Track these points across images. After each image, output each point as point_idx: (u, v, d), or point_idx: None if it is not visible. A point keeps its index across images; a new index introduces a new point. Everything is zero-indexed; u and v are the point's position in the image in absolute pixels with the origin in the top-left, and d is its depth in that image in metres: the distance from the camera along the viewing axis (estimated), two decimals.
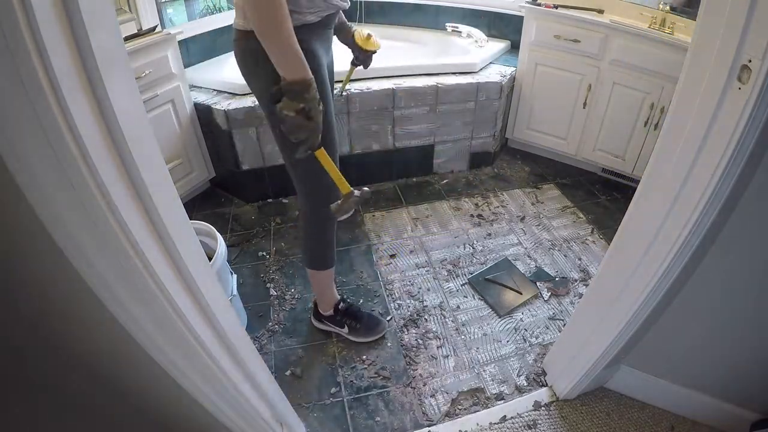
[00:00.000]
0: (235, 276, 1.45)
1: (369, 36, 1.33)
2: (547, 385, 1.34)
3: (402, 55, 2.47)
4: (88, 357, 0.77)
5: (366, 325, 1.46)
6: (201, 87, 2.03)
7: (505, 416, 1.26)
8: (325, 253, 1.32)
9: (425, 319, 1.56)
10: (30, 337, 0.70)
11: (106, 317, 0.62)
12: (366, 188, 1.09)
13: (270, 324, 1.55)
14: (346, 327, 1.45)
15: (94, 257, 0.56)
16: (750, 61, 0.64)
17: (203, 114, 1.95)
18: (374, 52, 1.34)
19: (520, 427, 1.23)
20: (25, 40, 0.40)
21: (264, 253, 1.86)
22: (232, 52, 1.01)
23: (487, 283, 1.69)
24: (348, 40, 1.32)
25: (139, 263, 0.58)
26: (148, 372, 0.73)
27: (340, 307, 1.44)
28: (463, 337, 1.50)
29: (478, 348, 1.46)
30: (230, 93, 1.96)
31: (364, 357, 1.43)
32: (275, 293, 1.67)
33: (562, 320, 1.55)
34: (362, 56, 1.34)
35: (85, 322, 0.71)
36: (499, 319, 1.56)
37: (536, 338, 1.49)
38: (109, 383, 0.83)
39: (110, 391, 0.84)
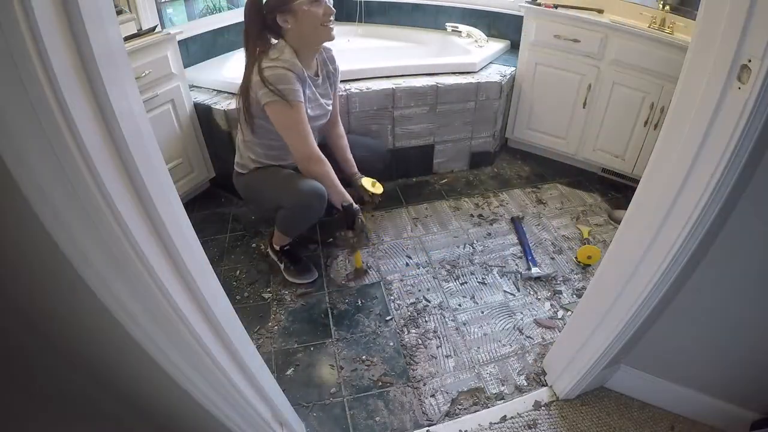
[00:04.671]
0: None
1: (374, 183, 1.67)
2: (547, 385, 1.34)
3: (402, 55, 2.47)
4: (87, 357, 0.78)
5: (299, 269, 1.72)
6: (201, 87, 2.03)
7: (505, 416, 1.26)
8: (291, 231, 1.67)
9: (425, 319, 1.56)
10: (30, 337, 0.70)
11: (106, 317, 0.62)
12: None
13: (270, 324, 1.55)
14: (283, 264, 1.73)
15: (93, 257, 0.56)
16: (750, 61, 0.64)
17: (203, 114, 1.94)
18: (381, 195, 1.68)
19: (520, 426, 1.23)
20: (25, 40, 0.40)
21: (264, 252, 1.86)
22: (232, 52, 1.04)
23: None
24: (356, 186, 1.67)
25: (139, 263, 0.58)
26: (147, 372, 0.73)
27: (286, 248, 1.73)
28: (463, 336, 1.50)
29: (478, 348, 1.46)
30: (230, 93, 1.96)
31: (364, 357, 1.43)
32: (275, 293, 1.67)
33: (562, 320, 1.55)
34: (371, 199, 1.66)
35: (85, 323, 0.71)
36: (500, 319, 1.56)
37: (536, 338, 1.49)
38: (109, 383, 0.83)
39: (110, 391, 0.84)
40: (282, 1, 1.29)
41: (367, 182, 1.65)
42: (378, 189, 1.65)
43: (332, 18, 1.35)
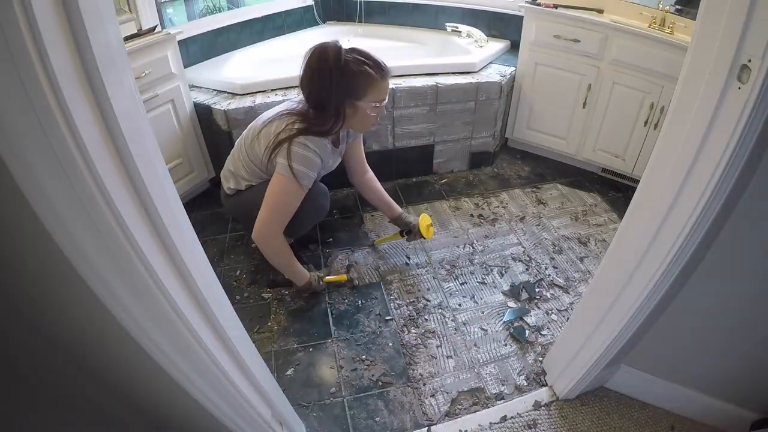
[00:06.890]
0: None
1: (429, 226, 1.73)
2: (547, 385, 1.34)
3: (402, 55, 2.47)
4: (88, 358, 0.78)
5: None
6: (201, 87, 2.03)
7: (505, 416, 1.26)
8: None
9: (425, 318, 1.56)
10: (30, 337, 0.70)
11: (105, 317, 0.62)
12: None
13: (270, 324, 1.55)
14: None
15: (93, 257, 0.56)
16: (750, 61, 0.64)
17: (203, 114, 1.94)
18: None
19: (520, 426, 1.23)
20: (25, 40, 0.40)
21: None
22: (232, 52, 1.04)
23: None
24: (409, 227, 1.74)
25: (139, 263, 0.58)
26: (147, 372, 0.73)
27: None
28: (463, 336, 1.50)
29: (478, 348, 1.46)
30: (230, 93, 1.97)
31: (364, 357, 1.43)
32: (275, 293, 1.67)
33: (562, 320, 1.55)
34: (416, 237, 1.75)
35: (85, 323, 0.71)
36: (500, 319, 1.56)
37: (536, 338, 1.49)
38: (108, 383, 0.83)
39: (110, 391, 0.84)
40: (354, 94, 1.31)
41: (423, 225, 1.71)
42: (430, 234, 1.74)
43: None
